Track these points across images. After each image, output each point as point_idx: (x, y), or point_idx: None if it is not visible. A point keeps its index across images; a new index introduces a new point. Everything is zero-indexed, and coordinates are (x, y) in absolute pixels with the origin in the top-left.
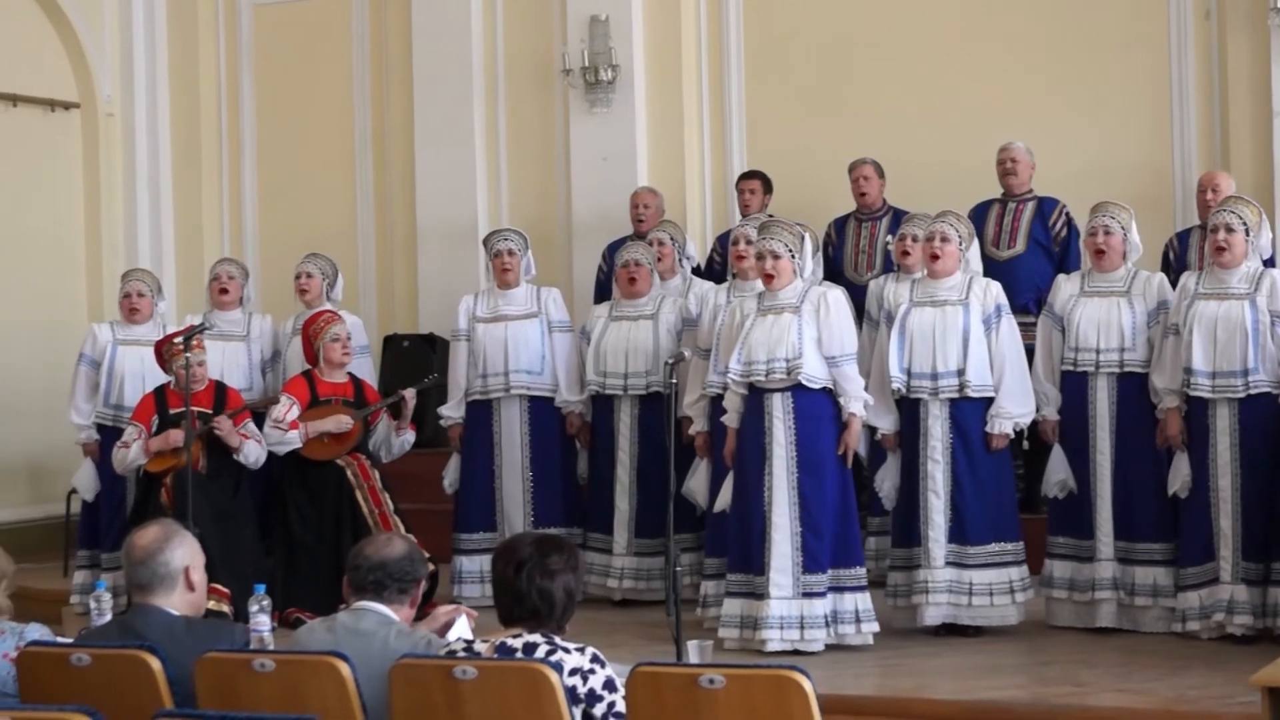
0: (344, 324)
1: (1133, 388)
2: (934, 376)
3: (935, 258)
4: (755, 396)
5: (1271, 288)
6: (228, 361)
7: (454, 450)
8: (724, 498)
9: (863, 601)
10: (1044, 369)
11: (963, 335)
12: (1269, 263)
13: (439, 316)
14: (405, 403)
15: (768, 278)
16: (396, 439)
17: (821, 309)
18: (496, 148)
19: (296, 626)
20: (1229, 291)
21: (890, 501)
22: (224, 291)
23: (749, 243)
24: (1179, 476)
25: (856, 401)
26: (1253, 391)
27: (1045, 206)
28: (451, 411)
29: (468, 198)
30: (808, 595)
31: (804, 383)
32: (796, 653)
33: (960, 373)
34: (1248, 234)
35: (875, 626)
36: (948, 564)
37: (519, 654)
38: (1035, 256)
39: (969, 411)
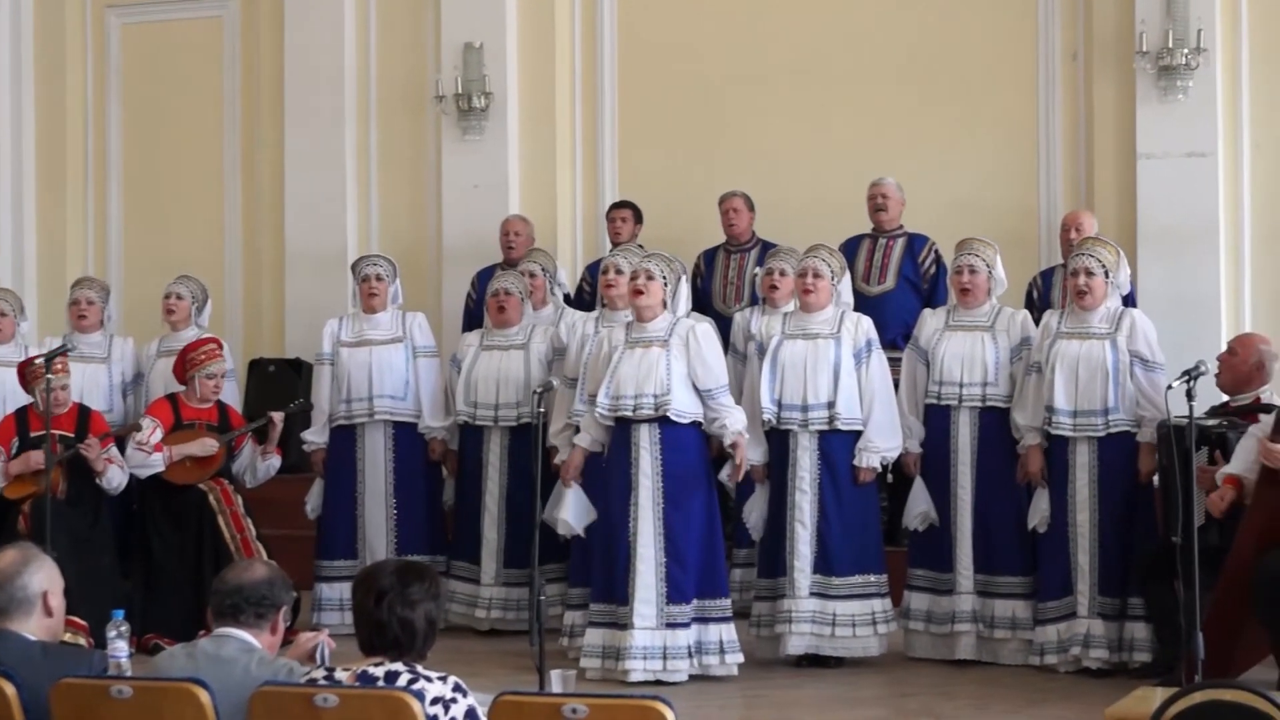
0: (224, 361)
1: (994, 422)
2: (804, 409)
3: (808, 293)
4: (622, 428)
5: (1131, 328)
6: (88, 384)
7: (317, 476)
8: (565, 515)
9: (727, 632)
10: (908, 402)
11: (834, 368)
12: (1128, 300)
13: (306, 341)
14: (273, 426)
15: (636, 293)
16: (262, 463)
17: (691, 342)
18: (367, 173)
19: (155, 653)
20: (1090, 331)
21: (758, 533)
22: (82, 317)
23: (619, 272)
24: (1038, 512)
25: (740, 421)
26: (1112, 430)
27: (915, 243)
28: (315, 436)
29: (337, 223)
30: (671, 626)
31: (672, 418)
32: (659, 683)
33: (830, 405)
34: (1107, 275)
35: (740, 657)
36: (812, 594)
37: (381, 682)
38: (905, 293)
39: (837, 444)
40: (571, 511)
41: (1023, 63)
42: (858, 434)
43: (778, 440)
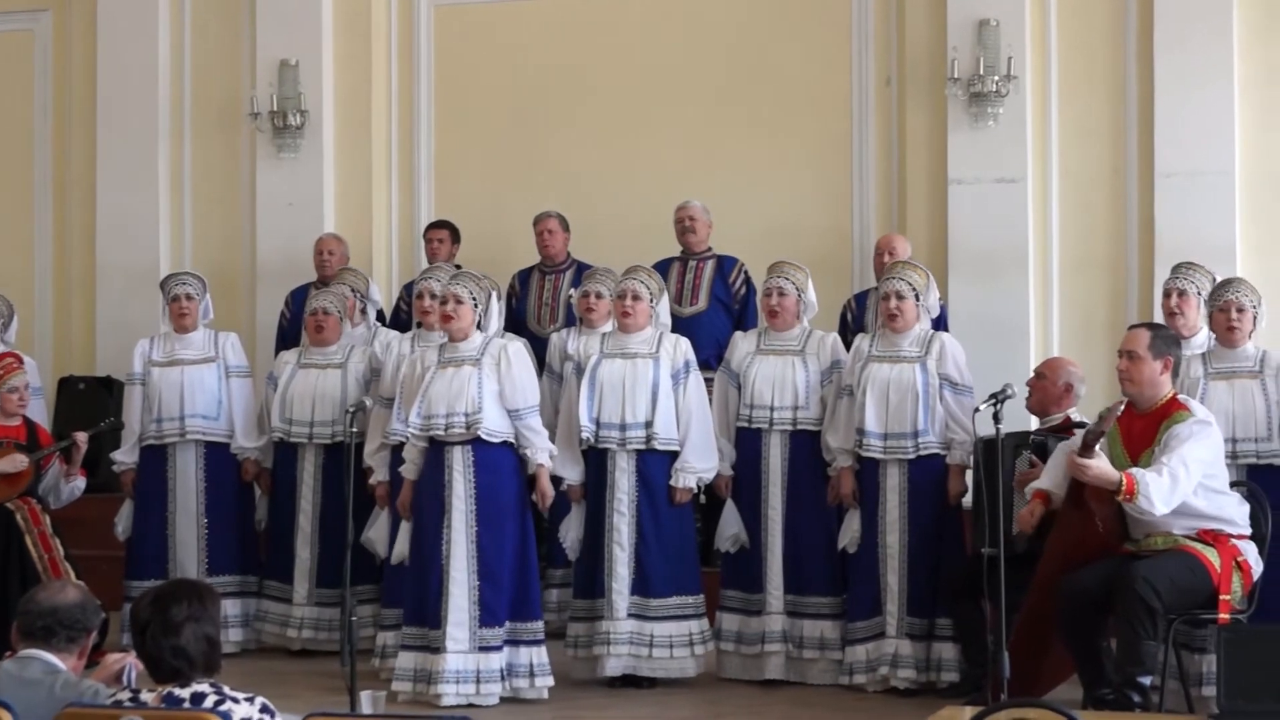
0: (24, 374)
1: (804, 445)
2: (622, 428)
3: (627, 315)
4: (435, 449)
5: (941, 351)
6: None
7: (126, 496)
8: (399, 549)
9: (538, 656)
10: (719, 425)
11: (652, 389)
12: (938, 323)
13: (117, 359)
14: (77, 447)
15: (446, 318)
16: (66, 485)
17: (502, 362)
18: (181, 189)
19: None
20: (901, 355)
21: (574, 553)
22: None
23: (433, 295)
24: (849, 532)
25: (543, 452)
26: (922, 453)
27: (725, 265)
28: (124, 456)
29: (150, 239)
30: (484, 649)
31: (484, 437)
32: (472, 706)
33: (648, 425)
34: (917, 298)
35: (549, 680)
36: (630, 616)
37: (187, 704)
38: (716, 313)
39: (654, 464)
40: (400, 549)
41: (837, 88)
42: (674, 454)
43: (595, 459)
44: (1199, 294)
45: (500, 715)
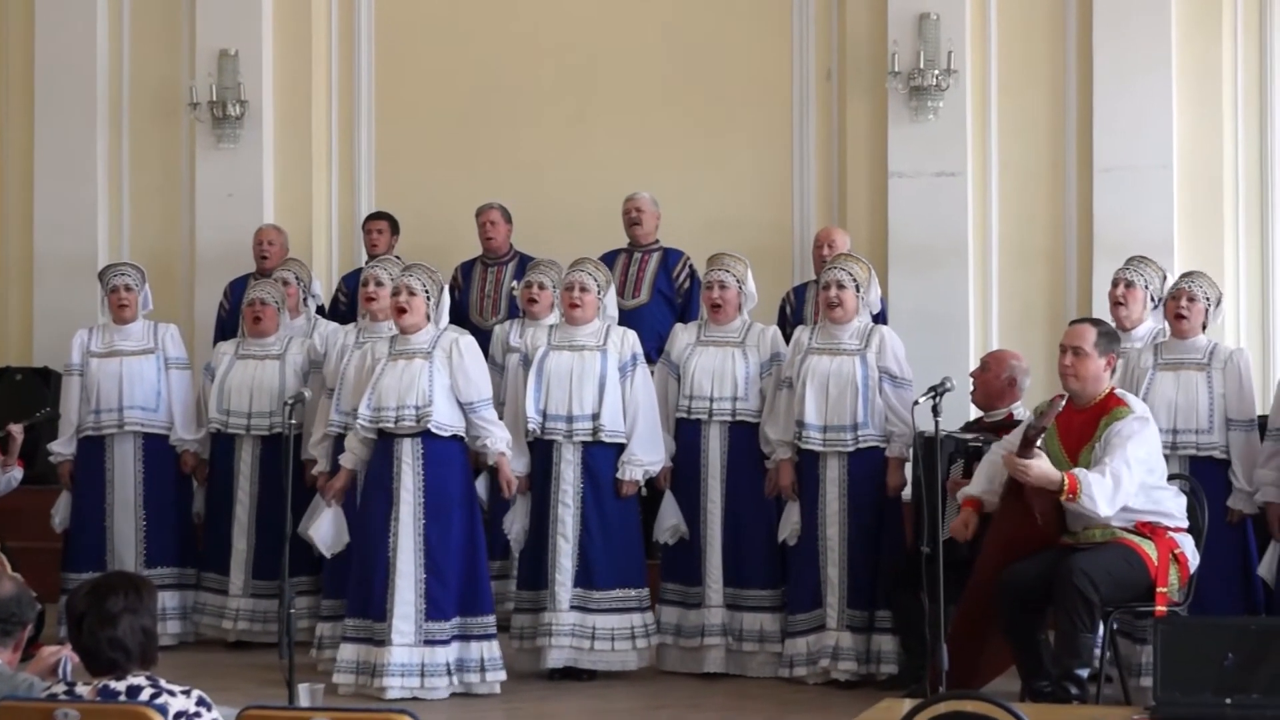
0: None
1: (744, 437)
2: (569, 419)
3: (574, 306)
4: (384, 442)
5: (881, 344)
6: None
7: (64, 488)
8: (324, 534)
9: (489, 650)
10: (659, 416)
11: (599, 380)
12: (879, 318)
13: (55, 350)
14: (13, 438)
15: (399, 310)
16: (2, 476)
17: (454, 355)
18: (119, 179)
19: None
20: (841, 347)
21: (519, 544)
22: None
23: (379, 284)
24: (789, 525)
25: (501, 441)
26: (862, 445)
27: (670, 258)
28: (62, 448)
29: (88, 229)
30: (430, 643)
31: (434, 430)
32: (416, 700)
33: (595, 417)
34: (858, 290)
35: (502, 675)
36: (572, 608)
37: (123, 697)
38: (659, 306)
39: (600, 456)
40: (323, 533)
41: (778, 81)
42: (620, 447)
43: (541, 451)
44: (1146, 287)
45: (446, 707)
